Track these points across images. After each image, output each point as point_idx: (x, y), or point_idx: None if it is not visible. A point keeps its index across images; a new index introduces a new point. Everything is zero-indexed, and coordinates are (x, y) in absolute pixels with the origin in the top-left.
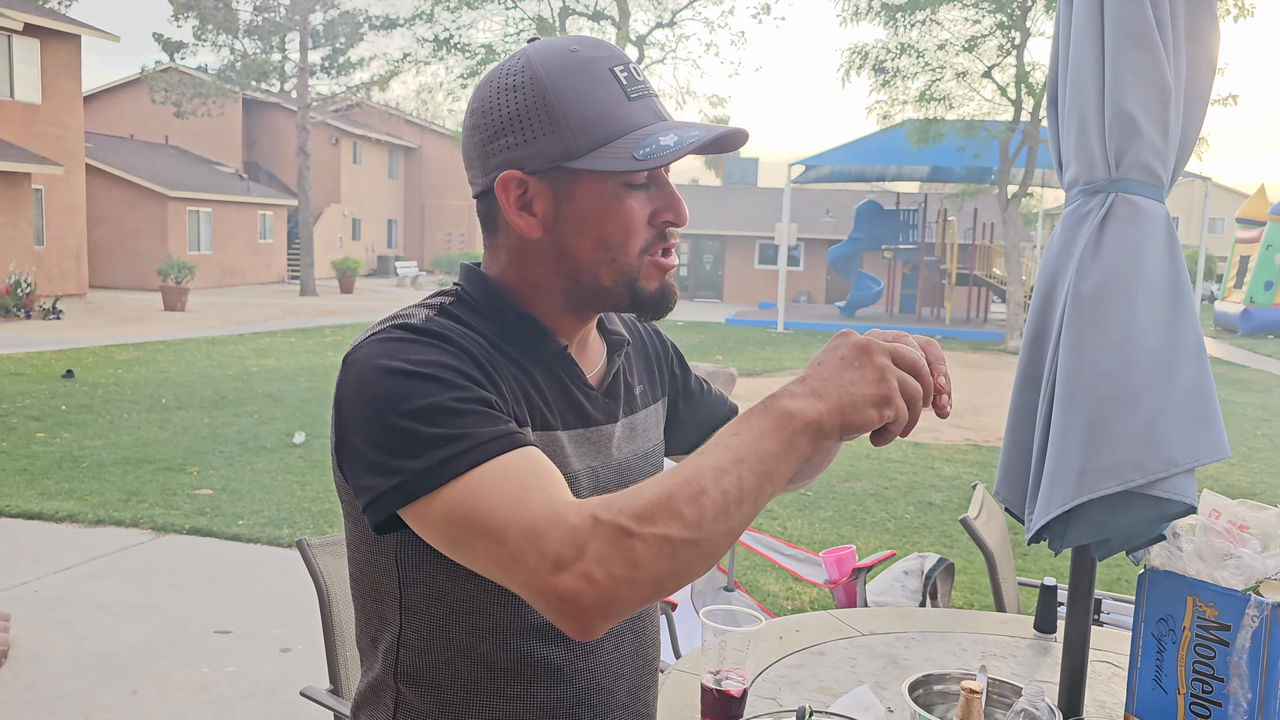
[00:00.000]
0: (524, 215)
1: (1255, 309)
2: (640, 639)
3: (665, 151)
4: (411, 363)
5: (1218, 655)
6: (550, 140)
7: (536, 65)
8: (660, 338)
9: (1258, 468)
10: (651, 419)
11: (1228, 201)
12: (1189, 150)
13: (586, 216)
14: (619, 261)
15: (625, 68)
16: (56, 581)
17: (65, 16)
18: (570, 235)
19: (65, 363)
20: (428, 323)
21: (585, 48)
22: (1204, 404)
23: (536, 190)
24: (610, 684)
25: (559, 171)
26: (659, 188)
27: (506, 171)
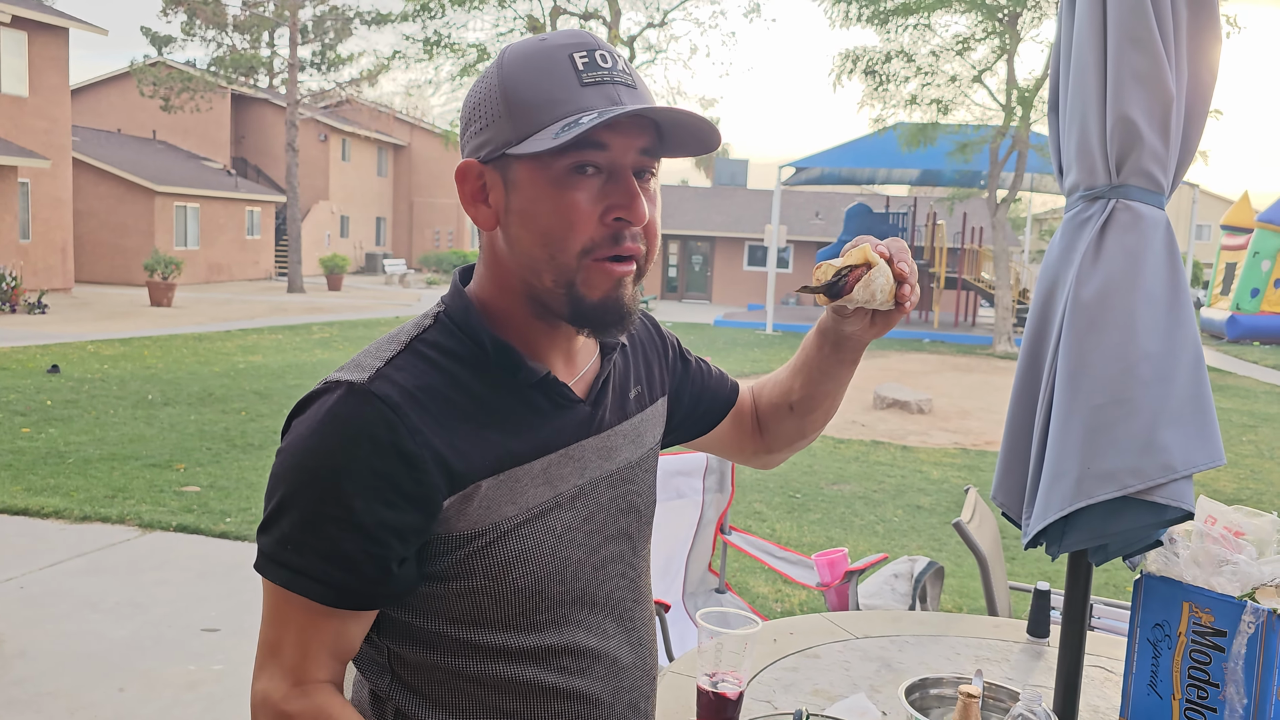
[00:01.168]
0: (477, 206)
1: (1241, 315)
2: (639, 650)
3: (578, 129)
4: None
5: (1213, 661)
6: (500, 127)
7: (505, 55)
8: (660, 333)
9: (1243, 474)
10: (648, 422)
11: (1213, 209)
12: (1190, 157)
13: (527, 208)
14: (558, 259)
15: (589, 54)
16: (42, 578)
17: (53, 9)
18: (516, 228)
19: (51, 358)
20: (373, 387)
21: (557, 37)
22: (1201, 411)
23: (491, 180)
24: (610, 698)
25: (504, 159)
26: (615, 181)
27: (464, 160)
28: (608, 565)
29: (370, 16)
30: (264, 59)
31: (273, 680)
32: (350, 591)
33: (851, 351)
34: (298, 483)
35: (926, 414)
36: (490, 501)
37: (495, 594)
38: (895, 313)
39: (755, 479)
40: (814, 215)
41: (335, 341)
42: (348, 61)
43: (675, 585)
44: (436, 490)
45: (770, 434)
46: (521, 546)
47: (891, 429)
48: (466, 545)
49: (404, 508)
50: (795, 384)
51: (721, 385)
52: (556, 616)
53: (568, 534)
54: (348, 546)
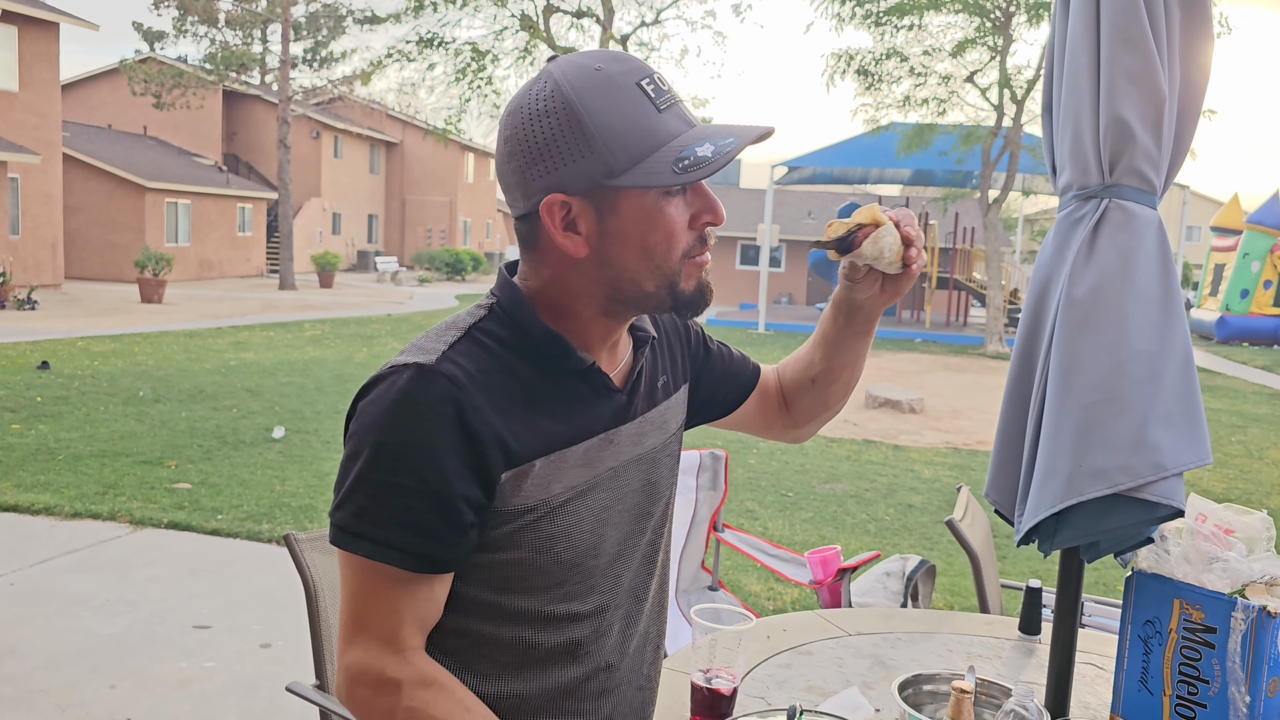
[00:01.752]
0: (569, 235)
1: (1231, 316)
2: (650, 619)
3: (705, 162)
4: (399, 439)
5: (1203, 657)
6: (589, 161)
7: (565, 88)
8: (683, 323)
9: (1232, 474)
10: (672, 408)
11: (1204, 210)
12: (1182, 157)
13: (629, 230)
14: (662, 268)
15: (650, 80)
16: (33, 575)
17: (44, 4)
18: (615, 248)
19: (40, 354)
20: (440, 368)
21: (609, 64)
22: (1191, 410)
23: (580, 210)
24: (618, 662)
25: (600, 190)
26: (695, 192)
27: (550, 195)
28: (631, 541)
29: (363, 15)
30: (256, 55)
31: (368, 651)
32: (430, 556)
33: (864, 322)
34: (372, 458)
35: (918, 413)
36: (541, 479)
37: (538, 565)
38: (903, 279)
39: (748, 477)
40: (806, 215)
41: (327, 339)
42: (340, 59)
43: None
44: (495, 465)
45: (795, 409)
46: (566, 523)
47: (883, 428)
48: (519, 519)
49: (469, 478)
50: (815, 358)
51: (743, 369)
52: (586, 587)
53: (603, 513)
54: (424, 514)
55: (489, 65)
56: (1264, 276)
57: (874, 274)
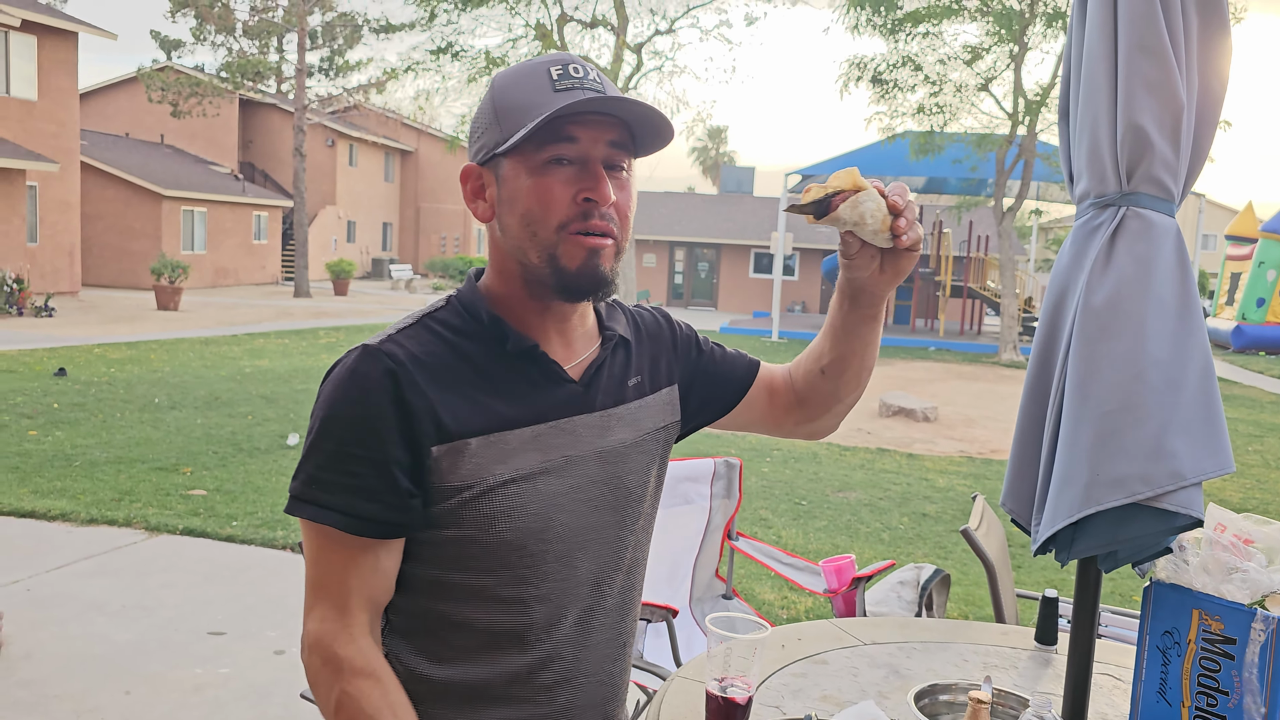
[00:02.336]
0: (476, 202)
1: (1247, 326)
2: (614, 616)
3: (540, 118)
4: (343, 411)
5: (1223, 669)
6: (492, 133)
7: (497, 75)
8: (671, 327)
9: (1249, 484)
10: (647, 409)
11: (1219, 218)
12: (1200, 165)
13: (513, 196)
14: (540, 236)
15: (563, 67)
16: (49, 580)
17: (63, 14)
18: (505, 215)
19: (58, 361)
20: (382, 347)
21: (543, 57)
22: (1211, 418)
23: (487, 179)
24: (573, 654)
25: (494, 159)
26: (583, 168)
27: (466, 165)
28: (591, 534)
29: (379, 24)
30: (272, 64)
31: (324, 621)
32: (372, 520)
33: (869, 305)
34: (321, 429)
35: (932, 422)
36: (480, 459)
37: (482, 543)
38: (903, 257)
39: (762, 486)
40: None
41: (341, 346)
42: (356, 68)
43: (682, 591)
44: (426, 437)
45: (808, 402)
46: (508, 503)
47: (897, 436)
48: (457, 495)
49: (403, 447)
50: (825, 347)
51: (736, 365)
52: (535, 572)
53: (553, 499)
54: (366, 479)
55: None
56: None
57: (869, 250)
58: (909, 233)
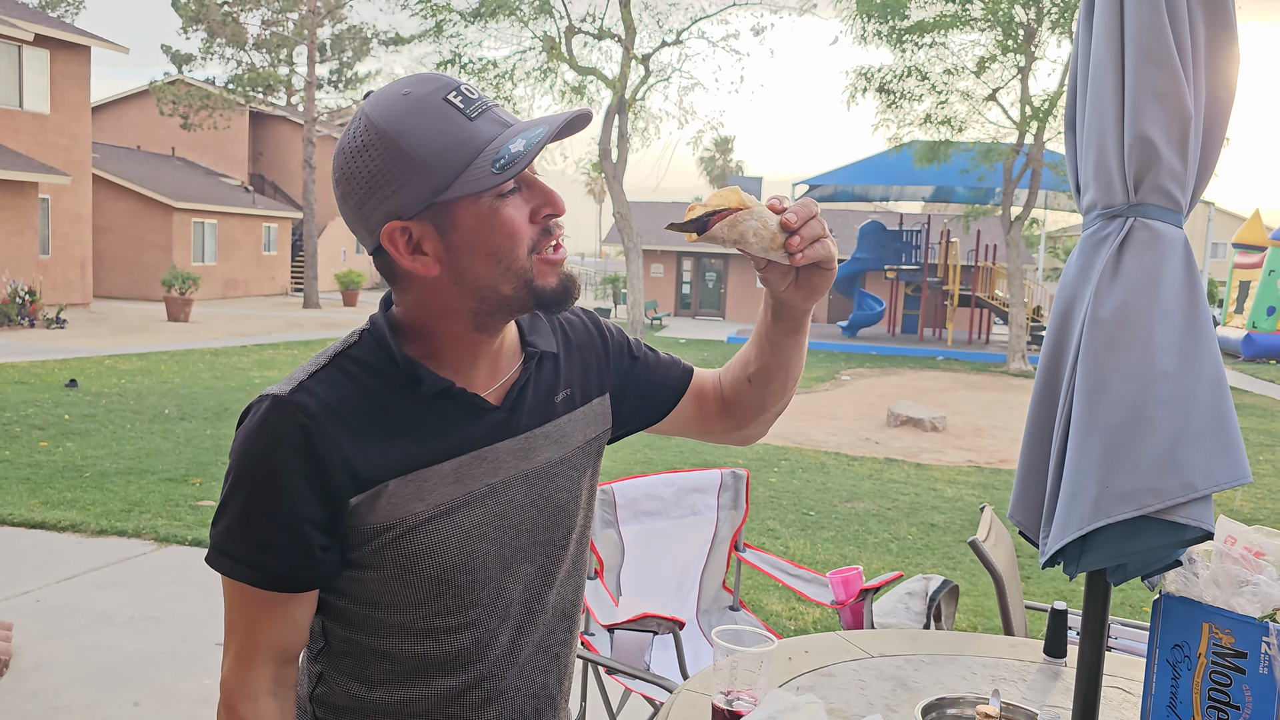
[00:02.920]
0: (417, 258)
1: (1257, 334)
2: (550, 637)
3: (519, 157)
4: (253, 466)
5: (1234, 683)
6: (416, 183)
7: (376, 120)
8: (601, 333)
9: (1261, 494)
10: (576, 422)
11: (1228, 226)
12: (1208, 175)
13: (472, 239)
14: (513, 269)
15: (457, 91)
16: (58, 591)
17: (75, 28)
18: (463, 260)
19: (69, 372)
20: (293, 398)
21: (415, 86)
22: (1223, 429)
23: (421, 231)
24: (503, 671)
25: (433, 208)
26: (529, 188)
27: (387, 224)
28: (520, 557)
29: (388, 36)
30: (282, 77)
31: (231, 670)
32: (280, 575)
33: (791, 319)
34: (234, 482)
35: (940, 431)
36: (398, 499)
37: (406, 581)
38: (814, 275)
39: (769, 496)
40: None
41: None
42: (365, 79)
43: (689, 602)
44: (342, 490)
45: (735, 409)
46: (429, 540)
47: (905, 446)
48: (378, 537)
49: (316, 502)
50: (751, 356)
51: (671, 372)
52: (462, 602)
53: (476, 529)
54: (275, 536)
55: (509, 85)
56: None
57: (778, 267)
58: (805, 250)
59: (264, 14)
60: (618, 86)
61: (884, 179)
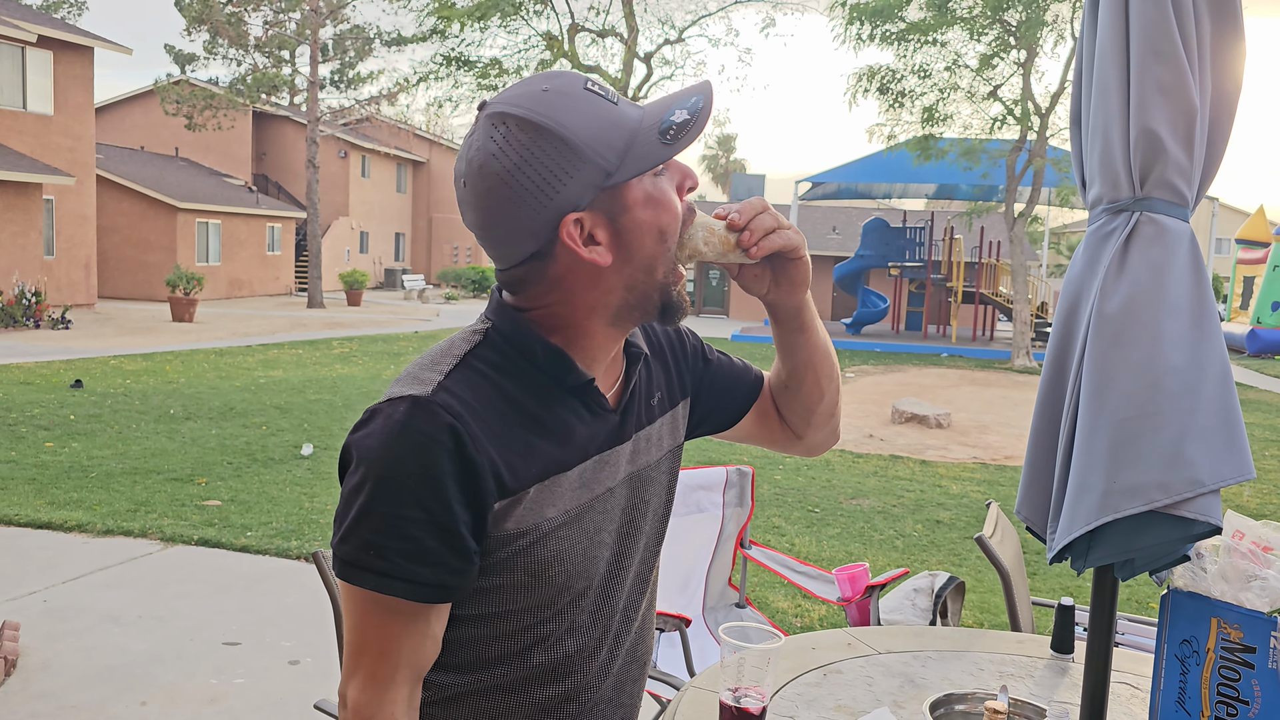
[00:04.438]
0: (592, 249)
1: (1262, 329)
2: (638, 635)
3: (687, 124)
4: (402, 472)
5: (1242, 678)
6: (586, 171)
7: (530, 117)
8: (680, 336)
9: (1266, 488)
10: (667, 425)
11: (1233, 222)
12: (1214, 169)
13: (643, 219)
14: (669, 244)
15: (590, 81)
16: (65, 591)
17: (78, 29)
18: (635, 242)
19: (74, 372)
20: (437, 398)
21: (551, 82)
22: (1229, 424)
23: (593, 221)
24: (599, 681)
25: (604, 194)
26: (669, 166)
27: (564, 219)
28: (624, 561)
29: (391, 36)
30: (286, 77)
31: (365, 691)
32: (429, 585)
33: (789, 319)
34: (375, 491)
35: (945, 428)
36: (535, 505)
37: (533, 588)
38: (789, 267)
39: (774, 494)
40: (831, 230)
41: (355, 356)
42: (368, 80)
43: (695, 600)
44: (489, 495)
45: (787, 417)
46: (560, 547)
47: (910, 443)
48: (512, 544)
49: (466, 507)
50: (779, 365)
51: (744, 378)
52: (577, 608)
53: (598, 534)
54: (430, 543)
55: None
56: None
57: (750, 270)
58: (760, 242)
59: (266, 14)
60: (620, 85)
61: (887, 176)
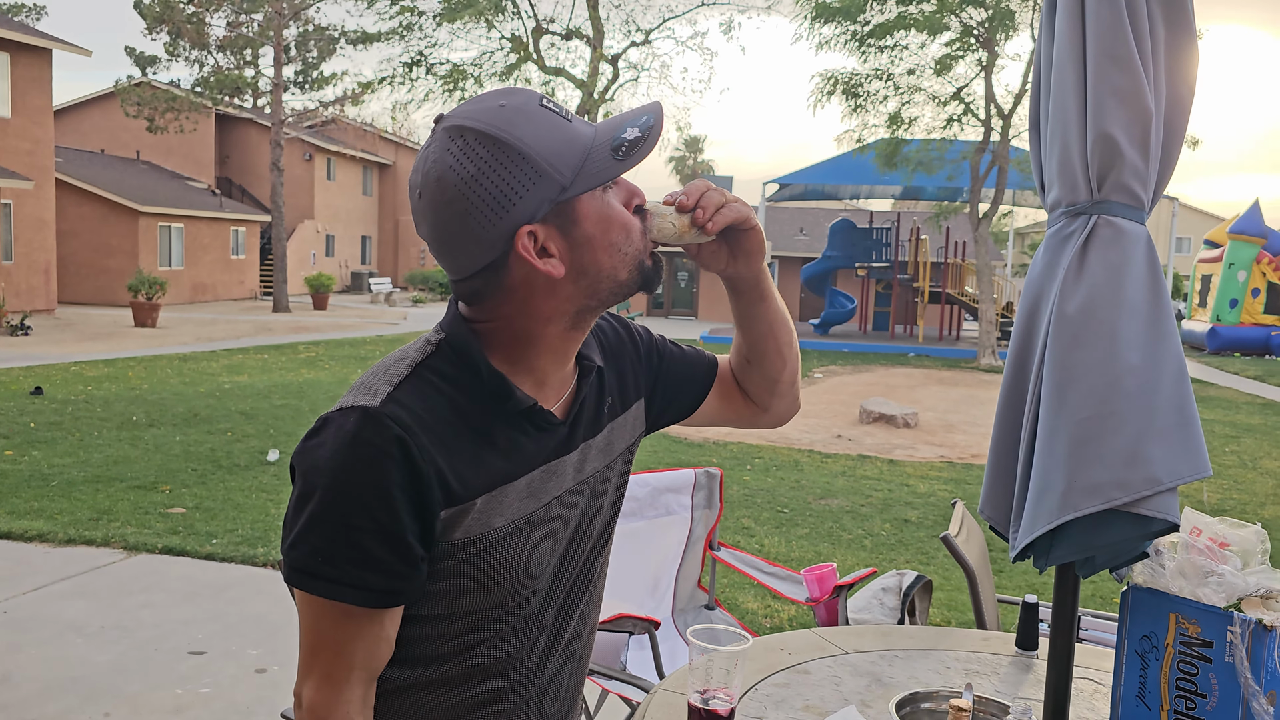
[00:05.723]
0: (547, 260)
1: (1222, 327)
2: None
3: (639, 141)
4: (351, 480)
5: (1200, 672)
6: (542, 184)
7: (486, 131)
8: (631, 337)
9: (1227, 484)
10: (619, 430)
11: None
12: (1169, 172)
13: (593, 234)
14: (629, 254)
15: (545, 99)
16: (26, 602)
17: (36, 30)
18: (587, 255)
19: (34, 379)
20: (385, 410)
21: (507, 98)
22: (1186, 423)
23: (546, 234)
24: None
25: (556, 207)
26: (615, 184)
27: (519, 231)
28: (568, 563)
29: (355, 36)
30: (249, 79)
31: (320, 690)
32: (380, 591)
33: (750, 290)
34: (325, 500)
35: (912, 428)
36: (482, 514)
37: (479, 593)
38: (743, 238)
39: (743, 495)
40: (798, 231)
41: (321, 361)
42: (331, 81)
43: (665, 602)
44: (436, 504)
45: (750, 392)
46: (506, 554)
47: (878, 443)
48: (460, 552)
49: (414, 515)
50: (739, 340)
51: (698, 365)
52: (522, 611)
53: (543, 541)
54: (378, 551)
55: (476, 86)
56: (1251, 285)
57: (708, 248)
58: (713, 218)
59: (228, 14)
60: (586, 87)
61: (854, 178)
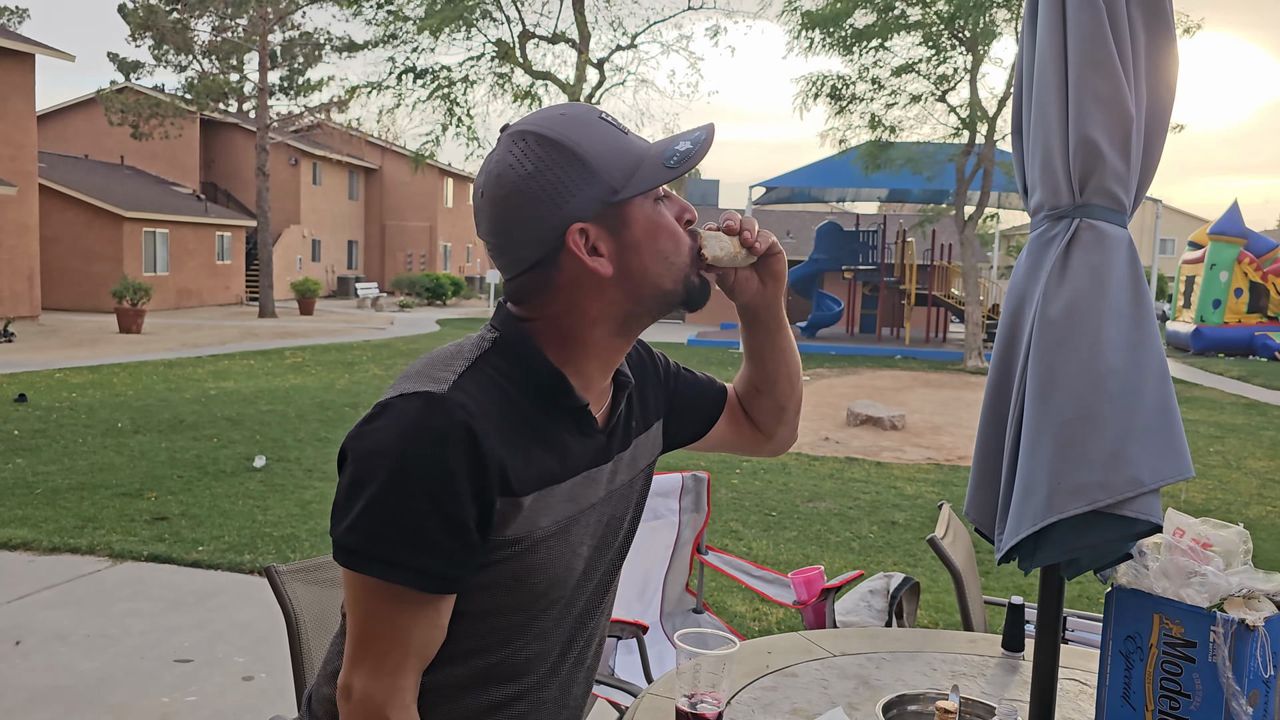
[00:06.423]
0: (596, 259)
1: (1206, 328)
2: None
3: (690, 153)
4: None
5: (1184, 672)
6: (593, 186)
7: (548, 133)
8: (652, 359)
9: (1211, 485)
10: (643, 446)
11: (1177, 223)
12: (1150, 175)
13: (642, 239)
14: (676, 264)
15: (604, 114)
16: (10, 611)
17: (19, 35)
18: (634, 259)
19: (18, 386)
20: (452, 396)
21: (568, 109)
22: (1168, 425)
23: (597, 234)
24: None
25: (609, 209)
26: (668, 199)
27: (571, 227)
28: (591, 573)
29: (341, 42)
30: (234, 84)
31: (373, 679)
32: (437, 576)
33: (769, 319)
34: (387, 483)
35: (899, 430)
36: (530, 512)
37: (515, 592)
38: (774, 262)
39: (731, 498)
40: (785, 234)
41: (308, 366)
42: (317, 86)
43: (653, 606)
44: (492, 492)
45: (757, 420)
46: (546, 556)
47: (865, 445)
48: (507, 548)
49: (475, 502)
50: (750, 369)
51: (709, 392)
52: (548, 615)
53: (578, 546)
54: (438, 535)
55: (464, 91)
56: (1234, 285)
57: (744, 274)
58: (760, 240)
59: (213, 19)
60: (572, 91)
61: (839, 181)
